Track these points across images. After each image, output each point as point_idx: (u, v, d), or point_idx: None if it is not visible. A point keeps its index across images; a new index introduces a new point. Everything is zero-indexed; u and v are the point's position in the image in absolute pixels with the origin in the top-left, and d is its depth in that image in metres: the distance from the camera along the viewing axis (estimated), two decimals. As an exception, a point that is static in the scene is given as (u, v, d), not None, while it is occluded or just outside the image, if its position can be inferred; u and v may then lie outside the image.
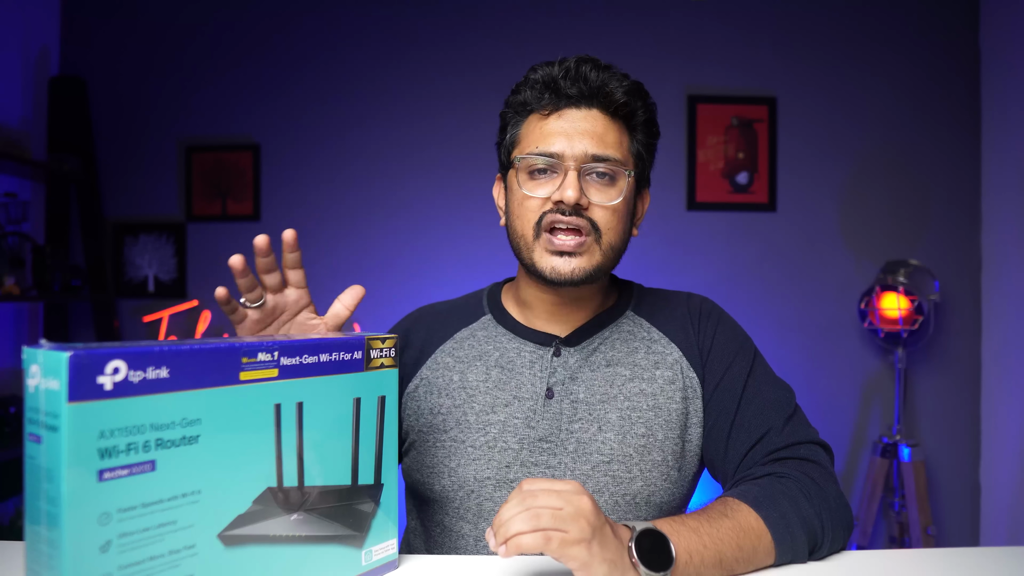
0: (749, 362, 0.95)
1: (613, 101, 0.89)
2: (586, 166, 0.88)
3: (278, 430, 0.64)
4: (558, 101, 0.90)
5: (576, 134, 0.88)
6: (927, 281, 2.42)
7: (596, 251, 0.90)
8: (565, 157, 0.88)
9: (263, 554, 0.63)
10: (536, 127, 0.91)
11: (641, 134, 0.94)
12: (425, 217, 2.69)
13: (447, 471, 0.92)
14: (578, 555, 0.63)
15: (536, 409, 0.92)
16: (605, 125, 0.90)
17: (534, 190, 0.90)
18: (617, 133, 0.91)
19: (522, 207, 0.91)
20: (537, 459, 0.91)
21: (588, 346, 0.96)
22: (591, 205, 0.88)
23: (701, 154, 2.68)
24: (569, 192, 0.86)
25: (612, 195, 0.90)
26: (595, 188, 0.89)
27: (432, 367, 0.99)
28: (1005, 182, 2.49)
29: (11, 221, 2.38)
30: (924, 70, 2.66)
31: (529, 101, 0.92)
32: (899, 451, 2.39)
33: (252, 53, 2.73)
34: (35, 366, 0.52)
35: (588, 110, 0.90)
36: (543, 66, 0.92)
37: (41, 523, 0.51)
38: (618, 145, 0.90)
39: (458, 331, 1.01)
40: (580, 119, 0.89)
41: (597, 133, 0.89)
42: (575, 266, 0.89)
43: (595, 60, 0.90)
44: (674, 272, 2.68)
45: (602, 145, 0.89)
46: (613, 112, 0.90)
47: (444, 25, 2.71)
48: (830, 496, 0.82)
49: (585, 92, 0.89)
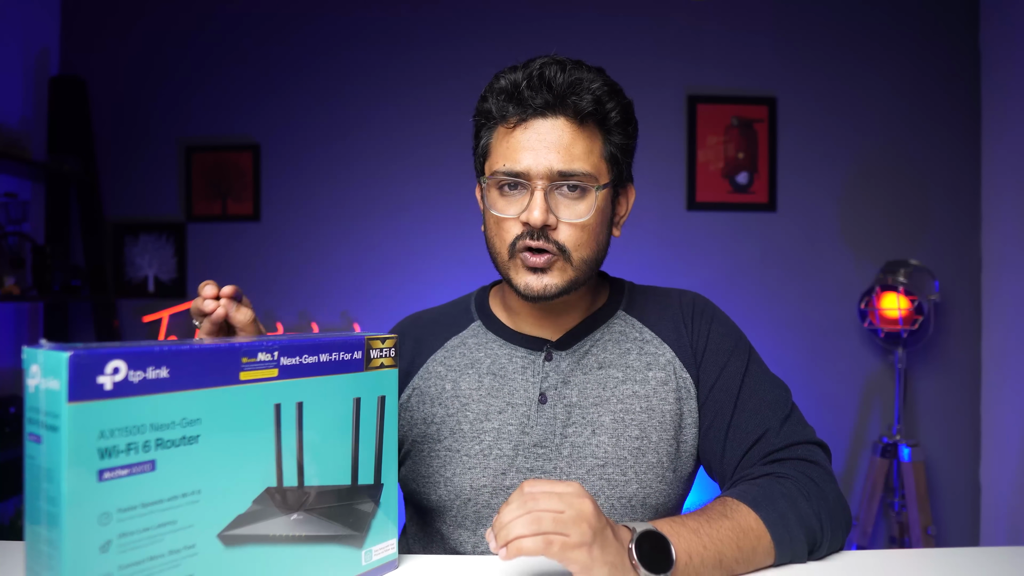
0: (744, 361, 0.94)
1: (580, 109, 0.85)
2: (553, 183, 0.86)
3: (278, 430, 0.64)
4: (523, 112, 0.86)
5: (542, 148, 0.85)
6: (927, 281, 2.42)
7: (567, 267, 0.88)
8: (531, 176, 0.85)
9: (263, 554, 0.63)
10: (503, 141, 0.89)
11: (617, 135, 0.90)
12: (425, 217, 2.69)
13: (443, 481, 0.92)
14: (579, 559, 0.63)
15: (529, 415, 0.92)
16: (572, 135, 0.86)
17: (504, 210, 0.88)
18: (587, 141, 0.87)
19: (497, 227, 0.89)
20: (532, 465, 0.91)
21: (579, 349, 0.95)
22: (559, 224, 0.86)
23: (701, 154, 2.68)
24: (535, 214, 0.84)
25: (581, 211, 0.87)
26: (564, 204, 0.87)
27: (424, 377, 0.98)
28: (1005, 182, 2.49)
29: (11, 221, 2.38)
30: (924, 70, 2.66)
31: (494, 112, 0.89)
32: (899, 451, 2.39)
33: (252, 53, 2.73)
34: (35, 366, 0.52)
35: (555, 119, 0.86)
36: (508, 72, 0.88)
37: (41, 523, 0.51)
38: (587, 155, 0.87)
39: (448, 339, 1.00)
40: (547, 131, 0.86)
41: (564, 145, 0.85)
42: (546, 283, 0.87)
43: (561, 62, 0.86)
44: (674, 272, 2.68)
45: (568, 159, 0.85)
46: (582, 119, 0.86)
47: (443, 26, 2.71)
48: (829, 496, 0.82)
49: (550, 101, 0.85)
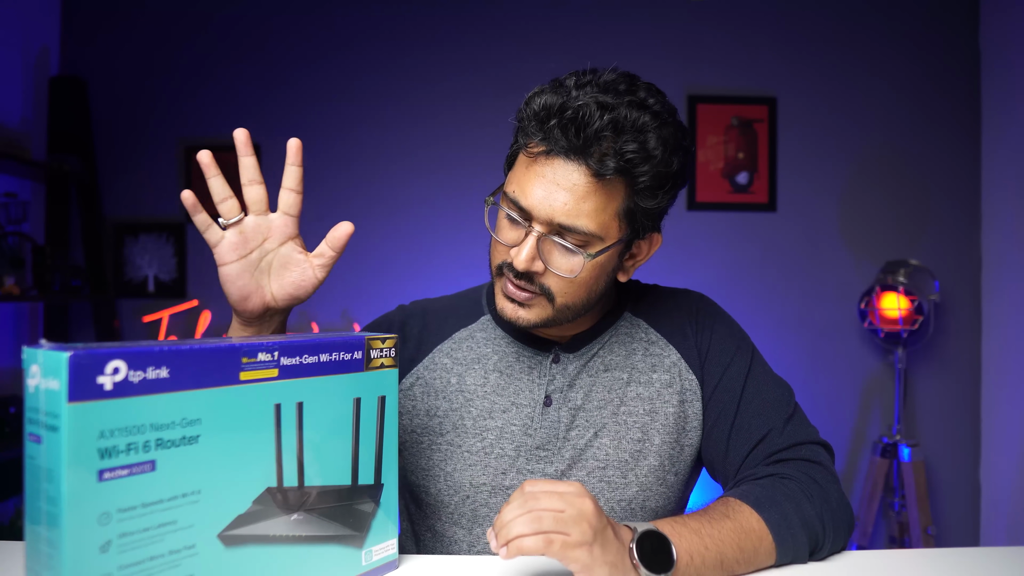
0: (747, 361, 0.94)
1: (602, 170, 0.77)
2: (551, 232, 0.81)
3: (278, 430, 0.64)
4: (547, 145, 0.79)
5: (554, 189, 0.79)
6: (927, 281, 2.42)
7: (548, 307, 0.85)
8: (533, 217, 0.81)
9: (263, 554, 0.63)
10: (523, 166, 0.83)
11: (645, 200, 0.82)
12: (426, 217, 2.69)
13: (443, 475, 0.92)
14: (580, 558, 0.63)
15: (534, 416, 0.91)
16: (588, 187, 0.79)
17: (503, 236, 0.85)
18: (602, 198, 0.80)
19: (493, 244, 0.88)
20: (533, 467, 0.90)
21: (588, 352, 0.94)
22: (547, 271, 0.82)
23: (701, 154, 2.68)
24: (520, 258, 0.80)
25: (572, 266, 0.82)
26: (558, 253, 0.82)
27: (429, 367, 0.97)
28: (1005, 182, 2.49)
29: (11, 221, 2.38)
30: (924, 70, 2.66)
31: (526, 130, 0.82)
32: (899, 451, 2.39)
33: (252, 53, 2.72)
34: (35, 366, 0.52)
35: (577, 165, 0.78)
36: (546, 93, 0.80)
37: (41, 523, 0.51)
38: (597, 212, 0.80)
39: (457, 331, 0.99)
40: (564, 174, 0.79)
41: (576, 196, 0.79)
42: (521, 315, 0.85)
43: (602, 104, 0.76)
44: (674, 272, 2.67)
45: (574, 213, 0.79)
46: (602, 175, 0.78)
47: (445, 26, 2.71)
48: (832, 497, 0.82)
49: (577, 146, 0.77)
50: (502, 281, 0.86)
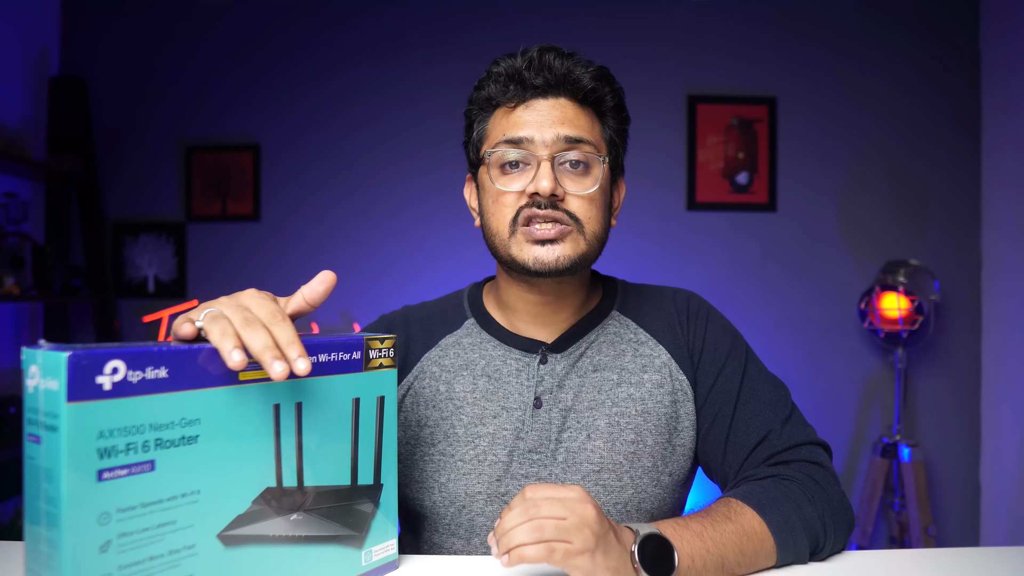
0: (742, 362, 0.93)
1: (581, 88, 0.86)
2: (559, 155, 0.85)
3: (277, 430, 0.64)
4: (524, 92, 0.87)
5: (546, 122, 0.85)
6: (927, 281, 2.42)
7: (580, 239, 0.86)
8: (536, 145, 0.85)
9: (263, 554, 0.63)
10: (503, 119, 0.89)
11: (612, 120, 0.91)
12: (424, 218, 2.69)
13: (437, 486, 0.90)
14: (582, 565, 0.63)
15: (524, 420, 0.90)
16: (575, 112, 0.87)
17: (507, 184, 0.86)
18: (588, 119, 0.88)
19: (496, 203, 0.88)
20: (527, 471, 0.89)
21: (575, 351, 0.93)
22: (567, 195, 0.85)
23: (701, 154, 2.68)
24: (544, 183, 0.83)
25: (587, 184, 0.86)
26: (570, 178, 0.86)
27: (419, 376, 0.96)
28: (1005, 182, 2.49)
29: (11, 221, 2.38)
30: (924, 70, 2.66)
31: (494, 95, 0.89)
32: (899, 451, 2.39)
33: (253, 53, 2.72)
34: (34, 366, 0.51)
35: (556, 99, 0.87)
36: (505, 59, 0.89)
37: (41, 523, 0.51)
38: (590, 130, 0.88)
39: (443, 338, 0.97)
40: (548, 108, 0.86)
41: (568, 119, 0.86)
42: (559, 254, 0.85)
43: (558, 48, 0.87)
44: (674, 272, 2.67)
45: (575, 128, 0.86)
46: (582, 99, 0.87)
47: (442, 27, 2.71)
48: (832, 497, 0.82)
49: (551, 81, 0.86)
50: (526, 230, 0.86)
